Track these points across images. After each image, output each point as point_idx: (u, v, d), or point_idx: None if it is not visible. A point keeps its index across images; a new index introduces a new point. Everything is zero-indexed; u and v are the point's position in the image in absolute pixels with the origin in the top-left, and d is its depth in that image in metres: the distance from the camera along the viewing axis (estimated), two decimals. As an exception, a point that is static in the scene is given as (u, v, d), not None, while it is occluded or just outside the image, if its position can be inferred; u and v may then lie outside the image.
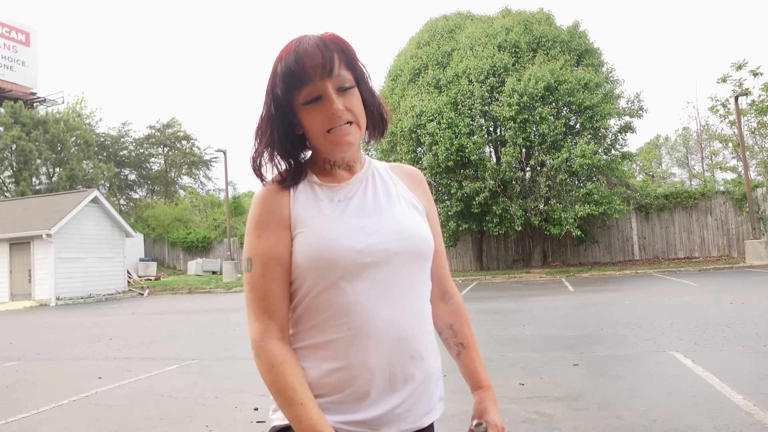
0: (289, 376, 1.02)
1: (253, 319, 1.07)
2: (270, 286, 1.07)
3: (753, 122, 23.84)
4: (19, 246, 20.00)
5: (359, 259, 1.05)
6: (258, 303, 1.07)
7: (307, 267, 1.06)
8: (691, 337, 6.38)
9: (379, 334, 1.05)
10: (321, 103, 1.07)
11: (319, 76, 1.06)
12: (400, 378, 1.07)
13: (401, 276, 1.09)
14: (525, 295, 12.81)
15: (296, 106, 1.08)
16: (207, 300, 17.05)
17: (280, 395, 1.02)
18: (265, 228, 1.08)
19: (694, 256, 20.65)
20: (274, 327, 1.06)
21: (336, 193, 1.13)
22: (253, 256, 1.08)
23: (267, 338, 1.05)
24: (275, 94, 1.09)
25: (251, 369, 6.03)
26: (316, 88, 1.06)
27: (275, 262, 1.07)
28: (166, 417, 4.37)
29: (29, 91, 35.43)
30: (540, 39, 20.20)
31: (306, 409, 1.00)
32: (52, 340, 9.43)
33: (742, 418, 3.55)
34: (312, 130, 1.09)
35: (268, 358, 1.04)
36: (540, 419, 3.79)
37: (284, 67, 1.07)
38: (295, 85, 1.06)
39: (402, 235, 1.10)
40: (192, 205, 35.04)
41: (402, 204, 1.16)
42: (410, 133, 19.23)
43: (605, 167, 18.76)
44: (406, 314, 1.09)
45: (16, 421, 4.47)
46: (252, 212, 1.11)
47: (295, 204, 1.10)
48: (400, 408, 1.07)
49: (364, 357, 1.05)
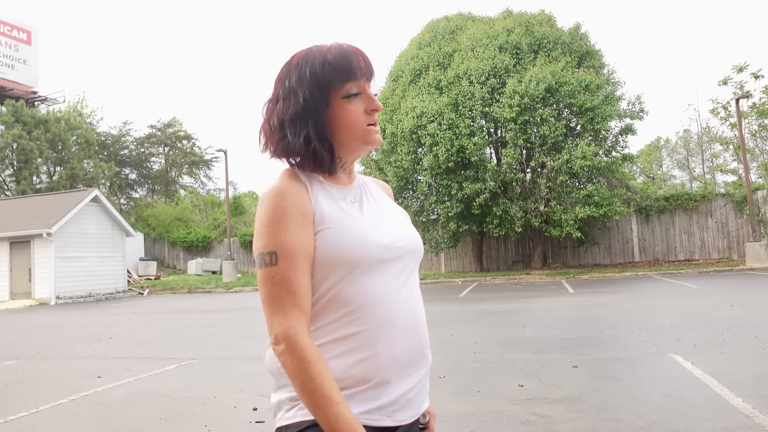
0: (325, 373, 1.01)
1: (281, 313, 1.03)
2: (300, 279, 1.05)
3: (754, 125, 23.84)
4: (20, 245, 20.01)
5: (383, 255, 1.10)
6: (287, 297, 1.04)
7: (334, 262, 1.07)
8: (690, 339, 6.38)
9: (401, 324, 1.10)
10: (360, 99, 1.13)
11: (365, 76, 1.13)
12: (414, 366, 1.13)
13: (410, 271, 1.17)
14: (525, 296, 12.80)
15: (333, 98, 1.12)
16: (207, 300, 17.06)
17: (314, 393, 0.99)
18: (291, 221, 1.06)
19: (694, 259, 20.64)
20: (305, 322, 1.05)
21: (347, 195, 1.17)
22: (279, 249, 1.05)
23: (300, 333, 1.03)
24: (319, 82, 1.11)
25: (251, 369, 6.04)
26: (359, 86, 1.13)
27: (304, 255, 1.06)
28: (165, 416, 4.37)
29: (30, 90, 35.45)
30: (541, 40, 20.21)
31: (343, 408, 0.99)
32: (51, 339, 9.43)
33: (741, 421, 3.55)
34: (349, 122, 1.12)
35: (303, 353, 1.00)
36: (539, 421, 3.79)
37: (332, 59, 1.11)
38: (342, 78, 1.11)
39: (408, 235, 1.19)
40: (192, 205, 35.03)
41: (395, 209, 1.26)
42: (411, 133, 19.23)
43: (606, 169, 18.77)
44: (416, 306, 1.16)
45: (15, 419, 4.47)
46: (273, 205, 1.07)
47: (317, 201, 1.11)
48: (411, 393, 1.12)
49: (391, 346, 1.08)
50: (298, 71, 1.13)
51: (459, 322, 8.82)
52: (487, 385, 4.83)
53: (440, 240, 20.58)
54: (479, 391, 4.61)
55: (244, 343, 7.95)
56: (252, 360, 6.58)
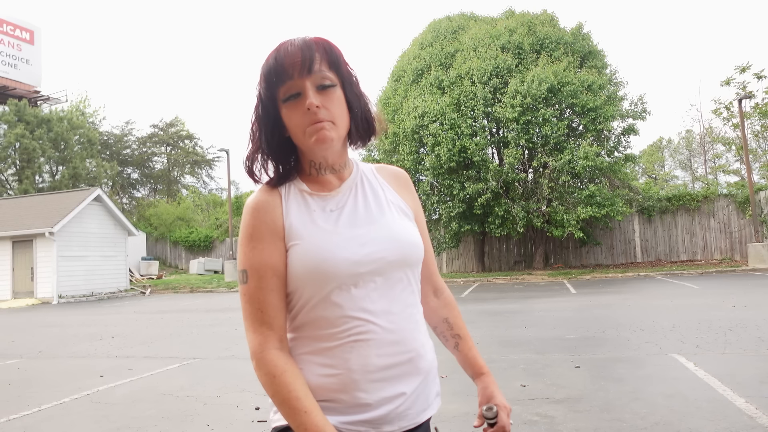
0: (292, 385, 1.03)
1: (251, 330, 1.08)
2: (267, 297, 1.07)
3: (756, 125, 23.82)
4: (22, 244, 20.04)
5: (355, 270, 1.07)
6: (256, 315, 1.07)
7: (304, 278, 1.07)
8: (693, 340, 6.37)
9: (377, 339, 1.07)
10: (300, 100, 1.07)
11: (299, 73, 1.06)
12: (400, 379, 1.09)
13: (394, 282, 1.12)
14: (527, 296, 12.79)
15: (280, 105, 1.09)
16: (209, 299, 17.07)
17: (283, 405, 1.02)
18: (258, 239, 1.08)
19: (697, 259, 20.61)
20: (273, 338, 1.07)
21: (327, 203, 1.13)
22: (248, 267, 1.08)
23: (266, 349, 1.06)
24: (260, 94, 1.10)
25: (252, 369, 6.04)
26: (295, 85, 1.06)
27: (271, 273, 1.07)
28: (167, 416, 4.37)
29: (33, 90, 35.52)
30: (543, 40, 20.18)
31: (311, 417, 1.00)
32: (53, 338, 9.45)
33: (744, 422, 3.54)
34: (292, 127, 1.09)
35: (268, 368, 1.05)
36: (541, 421, 3.79)
37: (266, 66, 1.09)
38: (276, 83, 1.07)
39: (395, 242, 1.12)
40: (194, 205, 35.10)
41: (392, 210, 1.17)
42: (413, 133, 19.23)
43: (608, 169, 18.74)
44: (401, 318, 1.11)
45: (18, 418, 4.48)
46: (244, 223, 1.10)
47: (288, 214, 1.10)
48: (402, 407, 1.09)
49: (364, 362, 1.06)
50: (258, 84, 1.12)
51: (461, 322, 8.80)
52: (489, 385, 4.81)
53: (442, 240, 20.58)
54: (481, 391, 4.60)
55: (246, 342, 7.95)
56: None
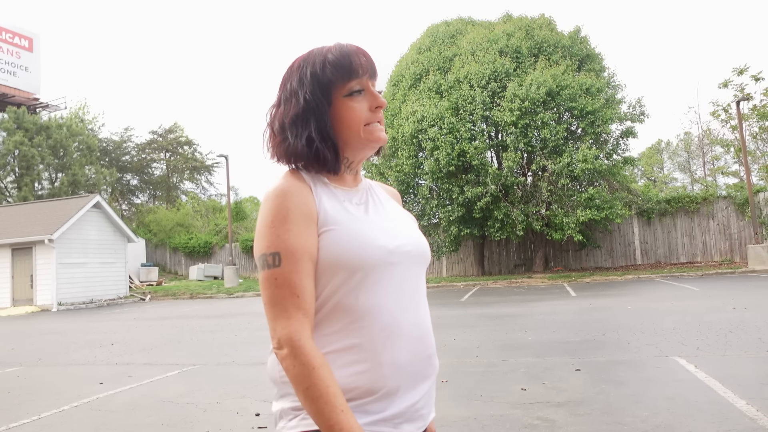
0: (330, 380, 0.97)
1: (284, 317, 1.00)
2: (304, 282, 1.02)
3: (755, 127, 23.86)
4: (21, 251, 20.03)
5: (388, 259, 1.07)
6: (290, 299, 1.00)
7: (336, 265, 1.04)
8: (693, 342, 6.36)
9: (406, 333, 1.07)
10: (363, 96, 1.12)
11: (367, 74, 1.12)
12: (422, 375, 1.09)
13: (415, 277, 1.13)
14: (527, 300, 12.78)
15: (336, 96, 1.11)
16: (208, 305, 17.05)
17: (318, 400, 0.96)
18: (294, 222, 1.03)
19: (697, 261, 20.60)
20: (309, 326, 1.01)
21: (353, 196, 1.15)
22: (282, 250, 1.01)
23: (304, 337, 0.99)
24: (320, 81, 1.11)
25: (253, 375, 6.03)
26: (361, 83, 1.11)
27: (308, 257, 1.03)
28: (167, 423, 4.36)
29: (32, 97, 35.57)
30: (541, 44, 20.24)
31: (347, 417, 0.96)
32: (53, 346, 9.42)
33: (746, 424, 3.53)
34: (351, 120, 1.11)
35: (308, 359, 0.97)
36: (542, 425, 3.78)
37: (333, 58, 1.10)
38: (344, 77, 1.10)
39: (414, 239, 1.15)
40: (194, 211, 35.08)
41: (403, 213, 1.23)
42: (411, 138, 19.25)
43: (607, 172, 18.75)
44: (423, 314, 1.13)
45: (17, 427, 4.46)
46: (277, 206, 1.04)
47: (321, 201, 1.08)
48: (419, 404, 1.09)
49: (395, 356, 1.05)
50: (299, 73, 1.13)
51: (461, 326, 8.81)
52: (489, 389, 4.82)
53: (442, 244, 20.58)
54: (482, 395, 4.59)
55: (246, 348, 7.94)
56: (254, 365, 6.57)
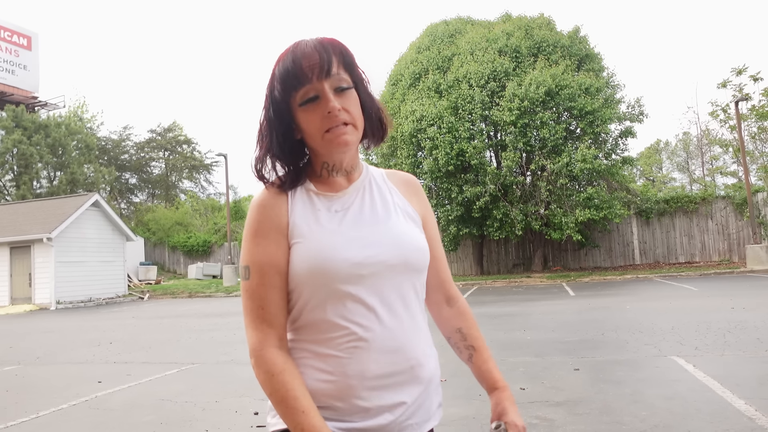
0: (290, 384, 1.01)
1: (252, 327, 1.06)
2: (268, 294, 1.06)
3: (753, 127, 23.89)
4: (20, 250, 20.00)
5: (356, 271, 1.05)
6: (256, 311, 1.06)
7: (304, 278, 1.05)
8: (692, 341, 6.36)
9: (377, 346, 1.05)
10: (318, 103, 1.06)
11: (317, 76, 1.05)
12: (399, 387, 1.07)
13: (397, 287, 1.09)
14: (526, 299, 12.79)
15: (294, 107, 1.08)
16: (207, 304, 17.04)
17: (281, 404, 1.01)
18: (263, 236, 1.07)
19: (695, 261, 20.63)
20: (273, 336, 1.05)
21: (333, 203, 1.12)
22: (251, 264, 1.07)
23: (266, 347, 1.04)
24: (273, 96, 1.09)
25: (251, 373, 6.00)
26: (314, 88, 1.05)
27: (274, 270, 1.06)
28: (166, 421, 4.36)
29: (31, 95, 35.51)
30: (541, 44, 20.24)
31: (308, 417, 0.99)
32: (52, 344, 9.42)
33: (744, 424, 3.54)
34: (310, 130, 1.07)
35: (267, 366, 1.03)
36: (541, 424, 3.78)
37: (282, 68, 1.07)
38: (293, 86, 1.06)
39: (398, 246, 1.10)
40: (192, 209, 35.04)
41: (398, 214, 1.16)
42: (411, 137, 19.25)
43: (606, 172, 18.77)
44: (403, 324, 1.09)
45: (15, 425, 4.46)
46: (249, 219, 1.09)
47: (293, 212, 1.09)
48: (402, 416, 1.08)
49: (361, 368, 1.05)
50: (267, 86, 1.11)
51: (460, 326, 8.79)
52: (488, 388, 4.81)
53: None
54: (480, 395, 4.59)
55: (245, 347, 7.87)
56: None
